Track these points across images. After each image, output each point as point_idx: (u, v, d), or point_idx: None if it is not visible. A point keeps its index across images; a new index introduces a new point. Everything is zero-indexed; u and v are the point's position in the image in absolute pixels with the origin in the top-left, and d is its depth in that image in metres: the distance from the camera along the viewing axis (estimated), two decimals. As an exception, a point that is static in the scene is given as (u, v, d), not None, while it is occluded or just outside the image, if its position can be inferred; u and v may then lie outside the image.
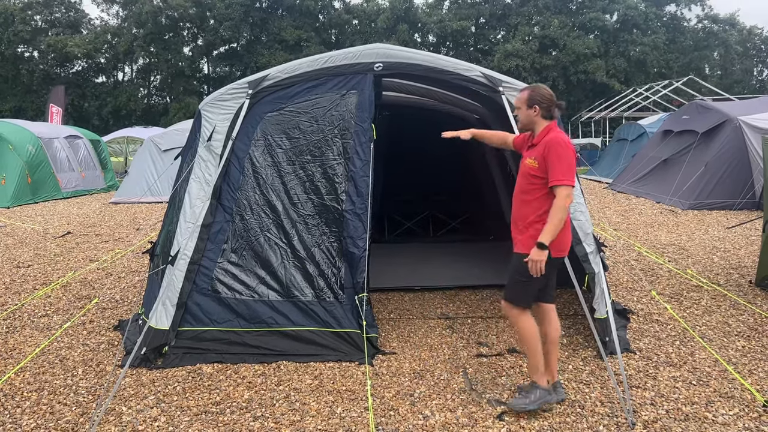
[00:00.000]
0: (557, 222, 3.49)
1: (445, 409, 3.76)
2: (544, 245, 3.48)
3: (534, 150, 3.70)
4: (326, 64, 4.92)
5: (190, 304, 4.72)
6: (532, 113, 3.72)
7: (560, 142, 3.57)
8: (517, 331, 3.80)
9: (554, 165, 3.54)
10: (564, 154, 3.55)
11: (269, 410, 3.77)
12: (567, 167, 3.53)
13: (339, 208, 4.84)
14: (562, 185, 3.51)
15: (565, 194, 3.51)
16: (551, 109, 3.73)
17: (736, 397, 3.86)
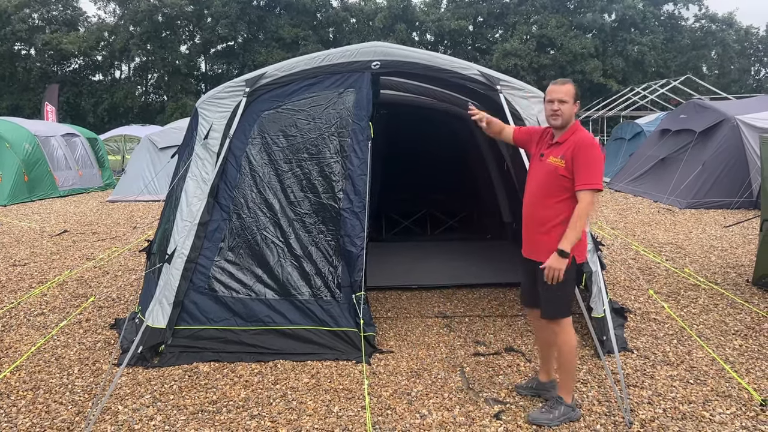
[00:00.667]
0: (580, 229, 3.31)
1: (442, 408, 3.75)
2: (565, 253, 3.30)
3: (559, 148, 3.48)
4: (324, 62, 4.90)
5: (186, 303, 4.70)
6: (576, 109, 3.54)
7: (593, 143, 3.39)
8: (558, 345, 3.57)
9: (584, 167, 3.33)
10: (596, 156, 3.36)
11: (266, 409, 3.76)
12: (597, 169, 3.34)
13: (336, 206, 4.83)
14: (589, 189, 3.32)
15: (590, 200, 3.32)
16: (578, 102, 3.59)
17: (734, 396, 3.86)
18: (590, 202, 3.31)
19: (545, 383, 3.86)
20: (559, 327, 3.53)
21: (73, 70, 45.09)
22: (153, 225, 11.04)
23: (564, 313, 3.52)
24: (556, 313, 3.52)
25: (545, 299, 3.53)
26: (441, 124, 9.00)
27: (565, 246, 3.30)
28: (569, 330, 3.53)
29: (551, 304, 3.51)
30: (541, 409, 3.59)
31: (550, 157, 3.49)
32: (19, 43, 42.26)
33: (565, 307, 3.52)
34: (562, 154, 3.41)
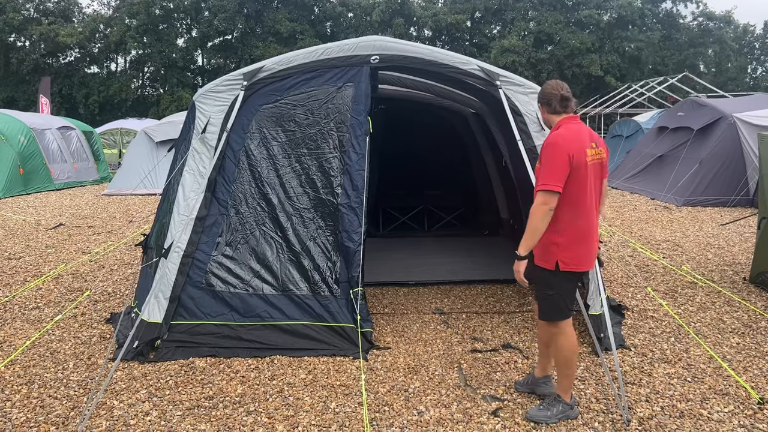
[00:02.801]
0: (531, 230, 3.27)
1: (439, 405, 3.74)
2: (519, 256, 3.35)
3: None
4: (322, 56, 4.87)
5: (183, 298, 4.68)
6: (542, 113, 3.60)
7: (551, 143, 3.33)
8: (556, 347, 3.56)
9: (540, 167, 3.36)
10: (549, 155, 3.29)
11: (262, 405, 3.74)
12: (550, 170, 3.25)
13: (334, 201, 4.81)
14: (540, 190, 3.29)
15: (541, 201, 3.25)
16: (552, 102, 3.49)
17: (731, 394, 3.85)
18: (539, 203, 3.26)
19: (538, 378, 3.84)
20: (556, 328, 3.52)
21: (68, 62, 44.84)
22: (149, 219, 11.00)
23: (556, 315, 3.51)
24: (549, 314, 3.53)
25: (539, 299, 3.59)
26: (439, 119, 8.98)
27: (519, 249, 3.35)
28: (566, 331, 3.51)
29: (543, 305, 3.56)
30: (538, 407, 3.58)
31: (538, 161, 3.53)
32: (13, 34, 41.97)
33: (557, 311, 3.50)
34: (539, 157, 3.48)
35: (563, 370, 3.55)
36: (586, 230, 3.42)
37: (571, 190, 3.30)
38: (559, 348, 3.53)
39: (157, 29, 44.24)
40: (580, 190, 3.35)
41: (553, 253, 3.38)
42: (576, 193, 3.34)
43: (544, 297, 3.52)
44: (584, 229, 3.41)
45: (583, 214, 3.38)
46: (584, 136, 3.39)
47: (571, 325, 3.55)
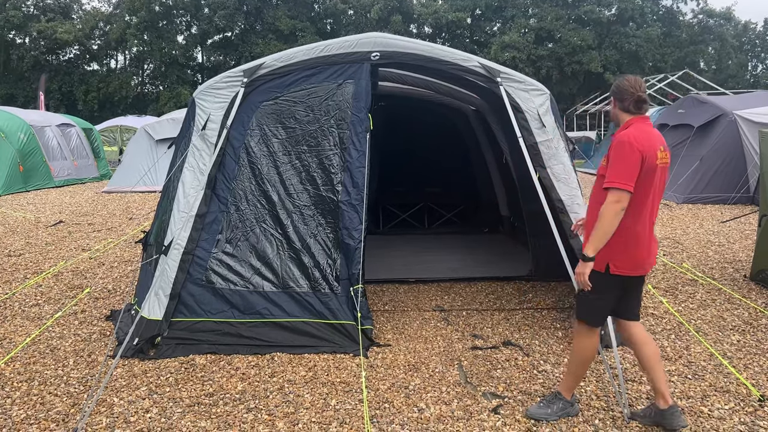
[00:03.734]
0: (602, 230, 3.14)
1: (440, 402, 3.73)
2: (586, 257, 3.21)
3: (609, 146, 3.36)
4: (323, 52, 4.85)
5: (183, 295, 4.67)
6: (612, 107, 3.44)
7: (624, 141, 3.19)
8: (573, 348, 3.52)
9: (610, 164, 3.21)
10: (622, 154, 3.17)
11: (263, 402, 3.73)
12: (623, 168, 3.14)
13: (335, 198, 4.80)
14: (611, 188, 3.15)
15: (614, 199, 3.13)
16: (627, 102, 3.33)
17: (732, 391, 3.85)
18: (612, 201, 3.12)
19: (664, 411, 3.37)
20: (584, 329, 3.44)
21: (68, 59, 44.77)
22: (149, 216, 10.99)
23: (591, 319, 3.41)
24: (584, 314, 3.44)
25: (578, 296, 3.46)
26: (440, 116, 8.97)
27: (587, 249, 3.21)
28: (593, 336, 3.44)
29: (579, 305, 3.47)
30: (539, 404, 3.57)
31: (602, 158, 3.39)
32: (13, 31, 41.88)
33: (593, 314, 3.40)
34: (606, 154, 3.32)
35: (575, 369, 3.50)
36: (643, 235, 3.29)
37: (636, 192, 3.19)
38: (581, 348, 3.45)
39: (158, 26, 44.16)
40: (645, 192, 3.25)
41: (604, 255, 3.23)
42: (641, 195, 3.22)
43: (586, 299, 3.36)
44: (641, 234, 3.28)
45: (643, 218, 3.27)
46: (655, 139, 3.28)
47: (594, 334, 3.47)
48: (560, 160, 4.85)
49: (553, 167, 4.83)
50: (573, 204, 4.79)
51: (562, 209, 4.80)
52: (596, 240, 3.17)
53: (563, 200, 4.79)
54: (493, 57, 38.70)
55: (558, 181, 4.82)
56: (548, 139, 4.83)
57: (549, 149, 4.83)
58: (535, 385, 3.97)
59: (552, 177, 4.82)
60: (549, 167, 4.84)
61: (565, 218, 4.80)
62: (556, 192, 4.80)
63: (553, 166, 4.83)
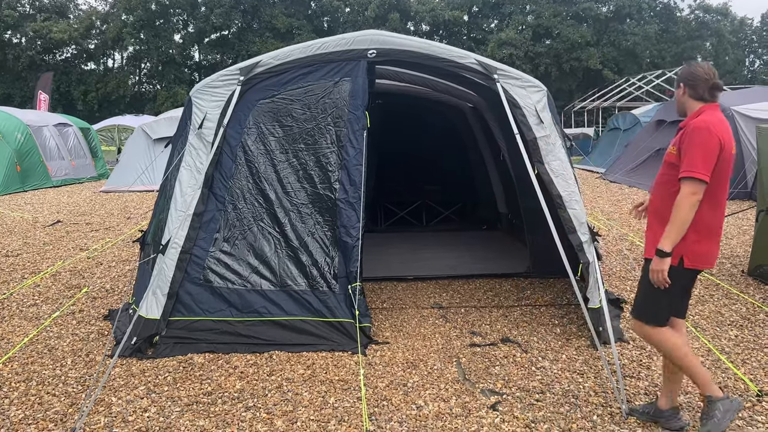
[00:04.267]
0: (679, 223, 3.00)
1: (438, 399, 3.73)
2: (663, 252, 3.03)
3: (678, 134, 3.22)
4: (319, 50, 4.84)
5: (181, 294, 4.67)
6: (680, 93, 3.27)
7: (701, 127, 3.04)
8: (658, 349, 3.35)
9: (685, 153, 3.04)
10: (701, 140, 3.01)
11: (261, 400, 3.73)
12: (700, 157, 2.98)
13: (332, 197, 4.79)
14: (687, 178, 2.99)
15: (690, 191, 2.97)
16: (701, 89, 3.18)
17: (730, 386, 3.86)
18: (689, 193, 2.98)
19: (664, 411, 3.39)
20: (652, 333, 3.24)
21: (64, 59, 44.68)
22: (147, 215, 10.97)
23: (654, 318, 3.23)
24: (647, 314, 3.24)
25: (639, 295, 3.30)
26: (437, 114, 8.96)
27: (664, 244, 3.04)
28: (662, 331, 3.22)
29: (643, 304, 3.26)
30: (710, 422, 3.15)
31: (671, 145, 3.26)
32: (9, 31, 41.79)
33: (659, 312, 3.22)
34: (676, 141, 3.18)
35: (689, 370, 3.23)
36: (718, 226, 3.18)
37: (713, 181, 3.05)
38: (671, 352, 3.23)
39: (154, 25, 44.09)
40: (721, 182, 3.12)
41: (679, 248, 3.07)
42: (717, 185, 3.09)
43: (652, 296, 3.18)
44: (716, 225, 3.18)
45: (719, 209, 3.16)
46: (728, 127, 3.15)
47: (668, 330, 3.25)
48: (558, 156, 4.84)
49: (551, 163, 4.83)
50: (571, 200, 4.79)
51: (560, 205, 4.80)
52: (673, 234, 3.02)
53: (562, 196, 4.79)
54: (491, 54, 38.71)
55: (556, 176, 4.82)
56: (546, 135, 4.82)
57: (547, 145, 4.83)
58: (533, 381, 3.97)
59: (550, 173, 4.82)
60: (547, 163, 4.83)
61: (563, 214, 4.80)
62: (555, 188, 4.80)
63: (551, 162, 4.83)
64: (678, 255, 3.10)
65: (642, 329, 3.29)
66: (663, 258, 3.05)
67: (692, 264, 3.14)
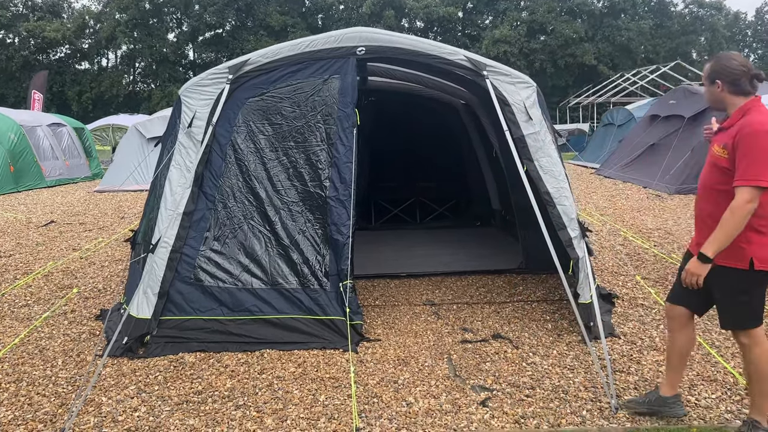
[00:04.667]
0: (729, 232, 2.88)
1: (428, 396, 3.74)
2: (706, 258, 2.93)
3: (724, 135, 3.03)
4: (308, 48, 4.84)
5: (172, 293, 4.66)
6: (716, 90, 3.08)
7: (759, 130, 2.86)
8: (753, 362, 3.09)
9: (743, 158, 2.86)
10: (761, 145, 2.83)
11: (251, 399, 3.73)
12: (760, 163, 2.82)
13: (323, 194, 4.79)
14: (746, 186, 2.85)
15: (748, 198, 2.84)
16: (741, 82, 3.02)
17: (719, 380, 3.87)
18: (746, 200, 2.84)
19: (666, 398, 3.39)
20: (749, 338, 3.08)
21: (58, 58, 44.53)
22: (140, 215, 10.95)
23: (750, 323, 3.06)
24: (741, 322, 3.09)
25: (719, 308, 3.16)
26: (430, 111, 8.95)
27: (708, 249, 2.93)
28: (763, 340, 3.07)
29: (733, 312, 3.11)
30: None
31: (715, 144, 3.09)
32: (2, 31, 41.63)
33: (751, 316, 3.06)
34: (724, 143, 2.99)
35: (762, 386, 3.08)
36: None
37: None
38: (757, 361, 3.06)
39: (148, 24, 43.98)
40: None
41: (746, 251, 2.95)
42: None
43: (735, 304, 3.05)
44: None
45: None
46: None
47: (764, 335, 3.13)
48: (547, 153, 4.85)
49: (540, 160, 4.84)
50: (560, 196, 4.80)
51: (549, 201, 4.81)
52: (720, 241, 2.91)
53: (551, 192, 4.79)
54: (485, 52, 38.75)
55: (545, 173, 4.82)
56: (535, 131, 4.83)
57: (536, 142, 4.84)
58: (524, 377, 3.98)
59: (539, 170, 4.82)
60: (536, 160, 4.84)
61: (552, 210, 4.81)
62: (544, 184, 4.81)
63: (540, 158, 4.84)
64: (747, 258, 2.97)
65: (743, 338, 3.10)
66: (704, 263, 2.97)
67: (763, 266, 2.98)
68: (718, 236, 2.91)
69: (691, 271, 3.01)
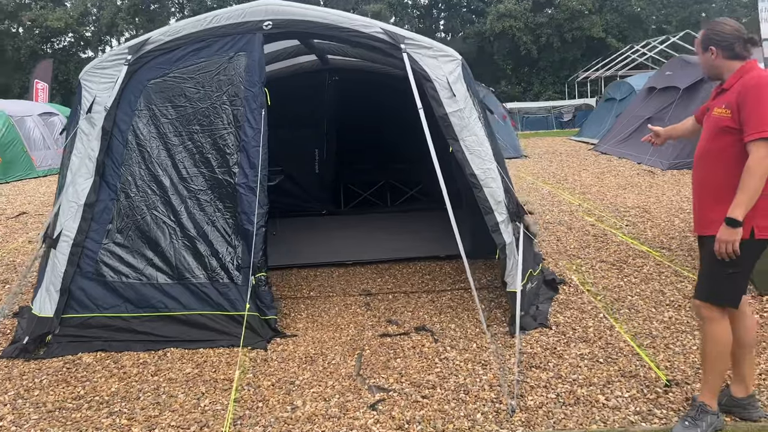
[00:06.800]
0: (753, 190, 2.70)
1: (319, 399, 3.45)
2: (735, 221, 2.72)
3: (725, 96, 2.90)
4: (211, 24, 4.50)
5: (74, 290, 4.41)
6: (711, 57, 2.94)
7: (761, 82, 2.75)
8: (708, 341, 2.94)
9: (752, 112, 2.72)
10: (766, 95, 2.73)
11: (130, 404, 3.47)
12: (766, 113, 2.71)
13: (232, 181, 4.49)
14: (759, 139, 2.69)
15: (763, 153, 2.68)
16: (736, 46, 2.90)
17: (640, 376, 3.53)
18: (762, 156, 2.68)
19: (741, 400, 3.06)
20: (716, 314, 2.89)
21: (62, 47, 44.43)
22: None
23: (730, 299, 2.90)
24: (722, 296, 2.89)
25: (708, 275, 2.93)
26: (390, 88, 8.53)
27: (735, 213, 2.72)
28: (726, 321, 2.90)
29: (716, 285, 2.90)
30: (683, 423, 2.93)
31: (715, 108, 2.93)
32: (6, 21, 41.59)
33: (735, 293, 2.90)
34: (727, 102, 2.85)
35: (715, 366, 2.93)
36: None
37: None
38: (714, 340, 2.90)
39: (149, 9, 43.65)
40: None
41: (748, 218, 2.75)
42: None
43: (724, 275, 2.85)
44: None
45: None
46: None
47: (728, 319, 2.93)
48: (473, 132, 4.50)
49: (466, 139, 4.50)
50: (487, 178, 4.47)
51: (475, 184, 4.49)
52: (745, 202, 2.72)
53: (476, 174, 4.47)
54: (490, 27, 37.91)
55: (471, 153, 4.49)
56: (459, 109, 4.48)
57: (461, 120, 4.49)
58: (430, 375, 3.67)
59: (465, 150, 4.50)
60: (462, 139, 4.51)
61: (479, 193, 4.50)
62: (470, 166, 4.50)
63: (466, 138, 4.50)
64: (749, 225, 2.78)
65: (711, 312, 2.90)
66: (735, 228, 2.73)
67: (763, 234, 2.82)
68: (741, 198, 2.73)
69: (723, 239, 2.77)
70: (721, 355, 2.93)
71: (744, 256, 2.80)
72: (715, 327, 2.91)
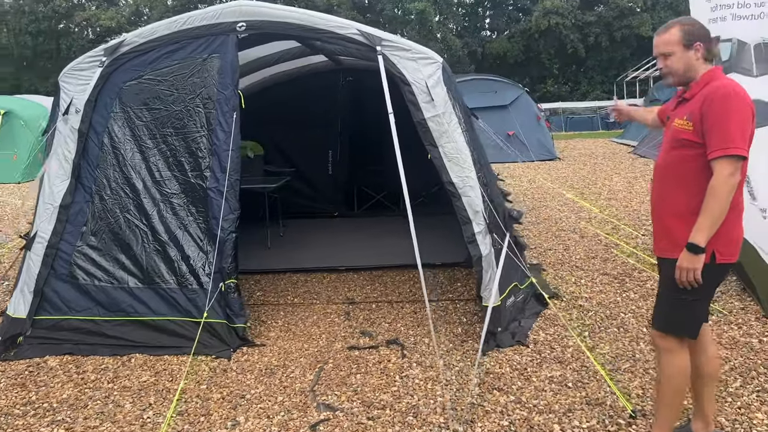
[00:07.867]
0: (717, 213, 2.44)
1: (263, 415, 3.32)
2: (697, 247, 2.45)
3: (687, 105, 2.60)
4: (185, 25, 4.43)
5: (47, 291, 4.41)
6: (692, 56, 2.59)
7: (728, 93, 2.45)
8: (664, 373, 2.69)
9: (715, 125, 2.44)
10: (730, 109, 2.44)
11: (75, 413, 3.42)
12: (736, 129, 2.42)
13: (203, 185, 4.40)
14: (722, 157, 2.41)
15: (729, 171, 2.41)
16: (714, 47, 2.64)
17: (606, 404, 3.27)
18: (726, 175, 2.41)
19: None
20: (673, 344, 2.65)
21: (115, 46, 45.81)
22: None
23: (687, 330, 2.64)
24: (674, 326, 2.64)
25: (665, 304, 2.69)
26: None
27: (697, 238, 2.45)
28: (685, 352, 2.66)
29: (672, 314, 2.65)
30: None
31: (676, 119, 2.63)
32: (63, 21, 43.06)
33: (692, 323, 2.64)
34: (689, 112, 2.55)
35: (671, 399, 2.71)
36: (743, 210, 2.63)
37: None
38: (672, 372, 2.66)
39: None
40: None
41: (709, 242, 2.48)
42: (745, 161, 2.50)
43: (682, 303, 2.59)
44: (742, 207, 2.62)
45: (742, 189, 2.58)
46: None
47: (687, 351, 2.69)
48: (452, 138, 4.30)
49: (445, 146, 4.30)
50: (465, 186, 4.26)
51: (454, 192, 4.29)
52: (709, 226, 2.45)
53: (455, 183, 4.28)
54: (535, 24, 37.12)
55: (449, 161, 4.29)
56: (437, 114, 4.28)
57: (439, 126, 4.29)
58: (385, 394, 3.50)
59: (443, 157, 4.30)
60: (440, 146, 4.31)
61: (457, 202, 4.29)
62: (447, 174, 4.30)
63: (444, 144, 4.30)
64: (709, 250, 2.50)
65: (667, 343, 2.66)
66: (698, 254, 2.46)
67: (724, 258, 2.56)
68: (704, 221, 2.46)
69: (684, 266, 2.50)
70: (677, 389, 2.68)
71: (705, 284, 2.52)
72: (672, 358, 2.66)
